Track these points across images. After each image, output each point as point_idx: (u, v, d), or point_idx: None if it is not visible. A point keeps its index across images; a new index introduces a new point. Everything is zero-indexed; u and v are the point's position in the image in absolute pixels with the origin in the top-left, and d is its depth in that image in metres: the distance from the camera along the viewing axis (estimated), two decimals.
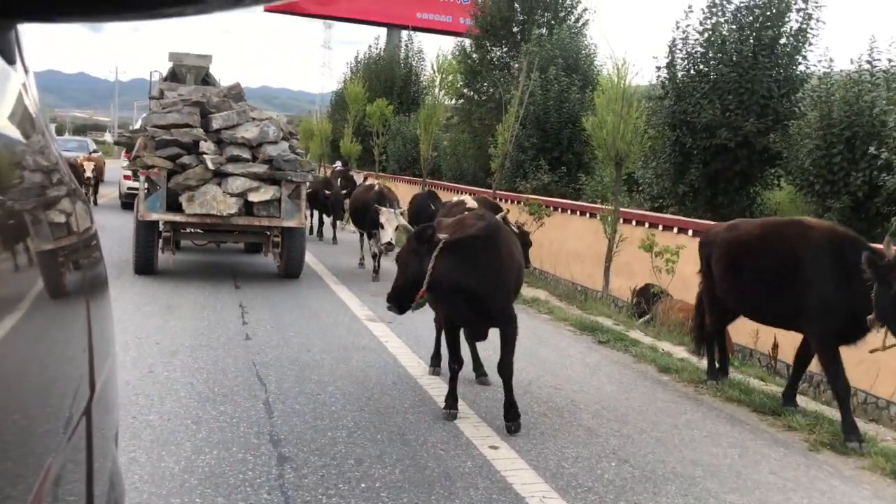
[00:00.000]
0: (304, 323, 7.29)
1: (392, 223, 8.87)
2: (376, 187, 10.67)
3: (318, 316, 7.65)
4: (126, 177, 16.90)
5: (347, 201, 14.63)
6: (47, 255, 1.01)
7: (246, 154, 9.25)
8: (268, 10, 37.21)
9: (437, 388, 5.39)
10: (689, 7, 14.14)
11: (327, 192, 14.16)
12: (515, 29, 23.73)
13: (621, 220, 11.97)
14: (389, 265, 8.91)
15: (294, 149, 9.70)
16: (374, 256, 10.36)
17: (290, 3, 35.38)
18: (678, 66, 14.34)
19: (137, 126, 14.08)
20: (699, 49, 14.05)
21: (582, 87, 19.33)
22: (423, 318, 7.65)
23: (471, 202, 7.64)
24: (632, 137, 10.72)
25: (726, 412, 5.34)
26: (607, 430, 4.78)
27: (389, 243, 8.96)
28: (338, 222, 15.30)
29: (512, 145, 15.59)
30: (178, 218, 9.06)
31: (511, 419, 4.61)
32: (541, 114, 19.00)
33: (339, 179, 16.29)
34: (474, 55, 24.30)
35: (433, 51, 28.62)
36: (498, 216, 6.96)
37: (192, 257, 11.24)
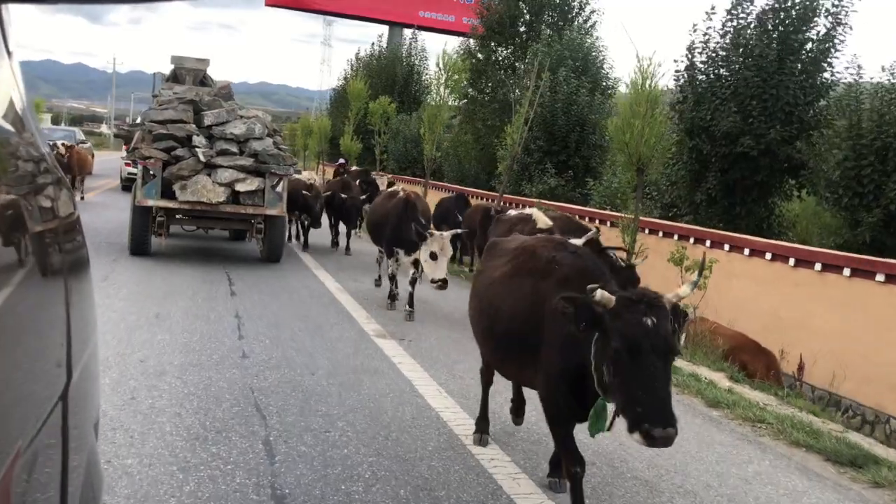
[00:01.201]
0: (306, 338, 6.48)
1: (447, 251, 7.01)
2: (401, 194, 8.51)
3: (322, 330, 6.84)
4: (127, 164, 18.50)
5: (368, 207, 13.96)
6: (31, 238, 1.03)
7: (234, 148, 10.04)
8: (269, 4, 36.40)
9: (463, 425, 4.60)
10: (713, 8, 13.38)
11: (343, 195, 12.51)
12: (522, 29, 22.98)
13: (646, 231, 11.26)
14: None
15: (278, 145, 10.53)
16: (390, 278, 8.35)
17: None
18: (698, 70, 13.58)
19: (135, 119, 17.31)
20: (720, 52, 13.30)
21: (591, 89, 18.60)
22: (437, 335, 6.96)
23: (541, 219, 6.74)
24: (656, 142, 10.02)
25: (795, 460, 4.57)
26: (669, 486, 4.00)
27: (444, 280, 6.92)
28: (353, 231, 13.45)
29: (520, 147, 14.81)
30: (171, 204, 9.84)
31: (558, 475, 3.82)
32: (548, 116, 18.23)
33: (357, 182, 14.24)
34: (479, 55, 23.52)
35: (435, 50, 27.92)
36: (587, 237, 5.93)
37: (184, 243, 10.43)
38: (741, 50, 12.93)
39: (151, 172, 9.73)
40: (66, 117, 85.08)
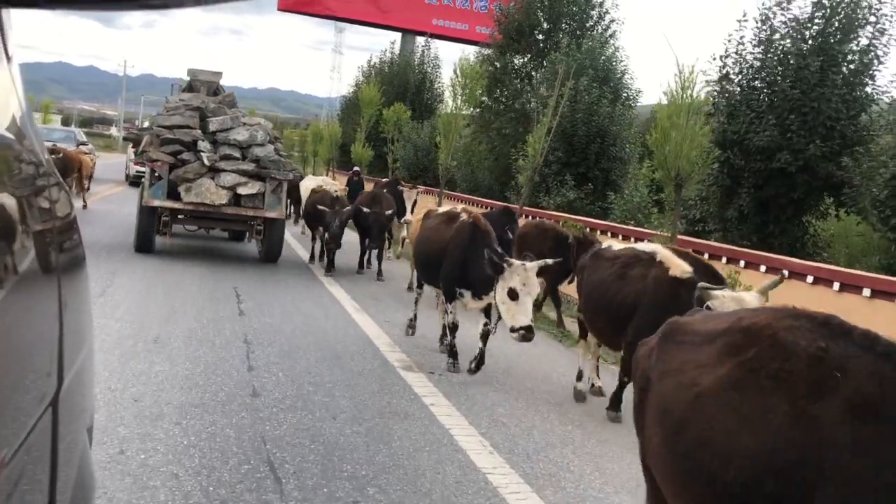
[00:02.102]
0: (324, 370, 5.65)
1: (532, 288, 5.25)
2: (463, 216, 6.30)
3: (341, 360, 6.01)
4: (136, 163, 20.19)
5: (401, 226, 12.49)
6: (20, 238, 1.01)
7: (237, 153, 10.46)
8: (281, 9, 35.71)
9: (517, 494, 3.77)
10: (744, 15, 12.58)
11: (366, 209, 10.38)
12: (539, 37, 22.23)
13: (705, 255, 10.37)
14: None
15: (278, 151, 10.93)
16: (451, 329, 6.14)
17: (304, 2, 33.83)
18: (731, 81, 12.76)
19: (144, 123, 17.53)
20: (755, 63, 12.49)
21: (612, 100, 17.81)
22: (476, 367, 5.76)
23: (675, 264, 4.78)
24: (697, 156, 9.22)
25: None
26: None
27: (529, 328, 5.16)
28: (384, 252, 11.44)
29: (543, 157, 14.02)
30: (176, 205, 10.17)
31: None
32: (568, 126, 17.43)
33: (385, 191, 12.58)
34: (496, 63, 22.75)
35: (448, 59, 27.21)
36: (768, 285, 4.48)
37: (189, 253, 9.62)
38: (777, 60, 12.13)
39: (158, 174, 10.19)
40: (76, 119, 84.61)
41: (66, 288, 1.18)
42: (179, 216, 10.69)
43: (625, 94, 18.78)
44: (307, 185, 11.01)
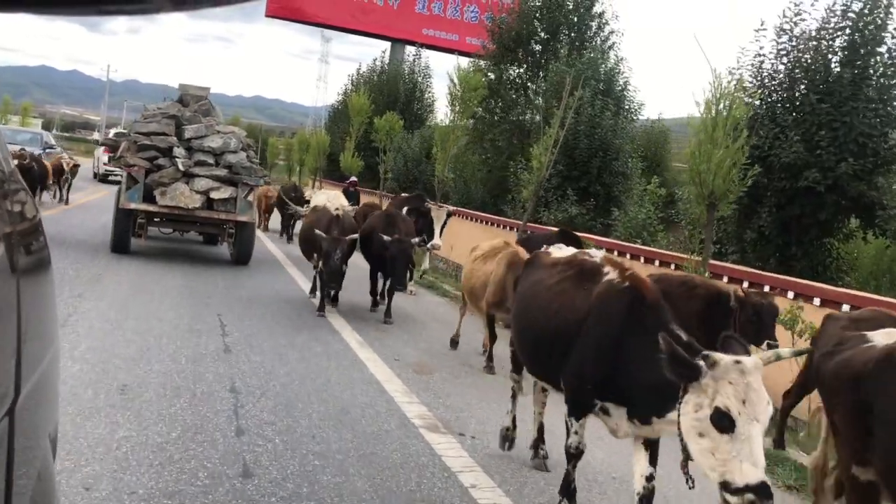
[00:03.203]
0: (331, 433, 4.46)
1: (760, 407, 2.65)
2: (611, 275, 3.56)
3: (350, 416, 4.82)
4: (105, 163, 23.36)
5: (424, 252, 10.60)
6: None
7: (210, 160, 10.80)
8: (269, 15, 34.43)
9: None
10: (762, 24, 11.62)
11: (385, 237, 7.75)
12: (537, 48, 21.25)
13: (724, 278, 9.33)
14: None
15: (251, 158, 11.33)
16: (572, 453, 3.60)
17: (292, 9, 32.62)
18: (749, 94, 11.79)
19: (119, 130, 19.84)
20: (776, 75, 11.52)
21: (615, 112, 16.84)
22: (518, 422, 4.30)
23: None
24: (734, 174, 8.21)
25: None
26: None
27: (764, 488, 2.56)
28: (402, 287, 8.58)
29: (548, 171, 12.95)
30: (151, 208, 10.43)
31: None
32: (570, 139, 16.39)
33: (404, 210, 10.21)
34: (490, 74, 21.72)
35: (438, 69, 26.21)
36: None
37: (169, 276, 8.39)
38: (802, 72, 11.18)
39: (135, 179, 10.36)
40: (58, 123, 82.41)
41: (25, 290, 1.11)
42: (155, 219, 10.92)
43: (627, 107, 17.84)
44: (316, 202, 8.92)
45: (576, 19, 20.56)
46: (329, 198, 8.81)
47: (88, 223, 13.88)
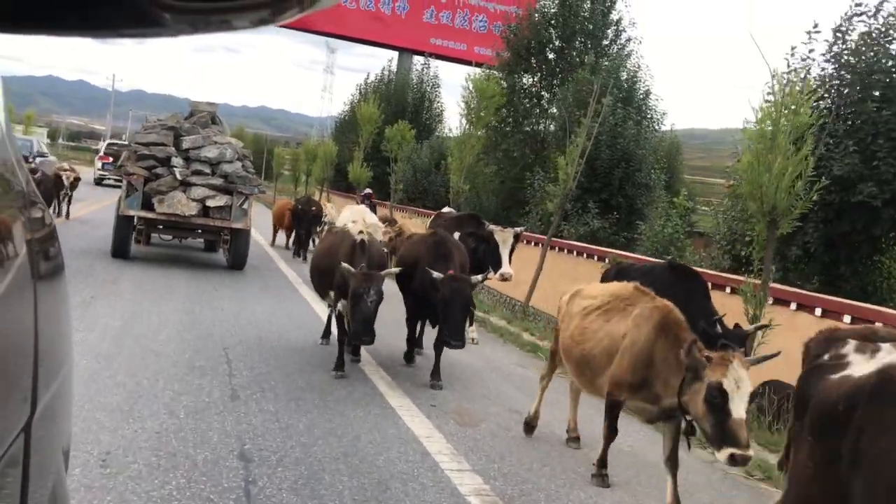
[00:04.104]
0: (354, 486, 3.45)
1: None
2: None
3: (389, 491, 3.80)
4: (99, 169, 29.63)
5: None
6: None
7: (207, 169, 11.08)
8: (279, 25, 33.61)
9: None
10: (815, 26, 10.65)
11: (436, 274, 5.67)
12: (551, 56, 20.33)
13: (770, 300, 8.33)
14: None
15: (247, 168, 11.48)
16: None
17: (302, 19, 31.79)
18: (821, 99, 10.80)
19: (122, 140, 22.89)
20: (827, 80, 10.55)
21: (637, 121, 15.89)
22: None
23: None
24: (799, 187, 7.26)
25: None
26: None
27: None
28: (468, 336, 6.75)
29: (575, 182, 12.00)
30: (150, 215, 10.75)
31: None
32: (591, 149, 15.46)
33: (456, 235, 7.72)
34: (503, 82, 20.79)
35: (447, 78, 25.30)
36: None
37: (169, 303, 7.38)
38: (857, 78, 10.20)
39: (134, 187, 10.63)
40: (64, 133, 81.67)
41: (42, 298, 1.07)
42: (157, 226, 11.32)
43: (649, 116, 16.91)
44: (343, 219, 6.97)
45: (591, 27, 19.65)
46: (353, 214, 6.79)
47: (90, 233, 12.90)
